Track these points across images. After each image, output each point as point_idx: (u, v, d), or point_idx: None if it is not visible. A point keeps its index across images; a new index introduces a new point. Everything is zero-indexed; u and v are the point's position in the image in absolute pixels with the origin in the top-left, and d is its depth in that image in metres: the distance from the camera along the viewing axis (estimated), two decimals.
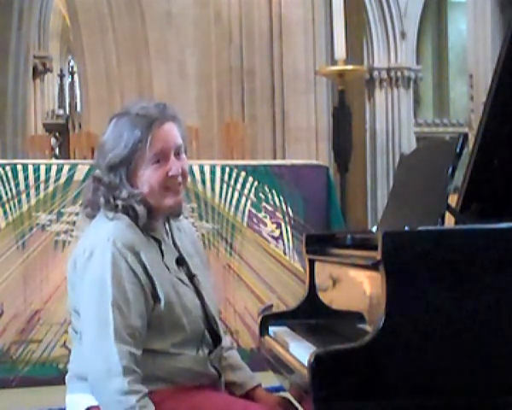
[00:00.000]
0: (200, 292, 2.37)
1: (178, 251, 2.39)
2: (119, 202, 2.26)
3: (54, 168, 5.21)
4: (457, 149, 2.34)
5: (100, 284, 2.19)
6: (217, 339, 2.39)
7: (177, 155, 2.31)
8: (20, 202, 5.13)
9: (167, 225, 2.41)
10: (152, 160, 2.26)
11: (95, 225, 2.31)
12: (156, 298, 2.23)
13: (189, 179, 2.42)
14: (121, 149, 2.25)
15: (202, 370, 2.31)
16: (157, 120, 2.27)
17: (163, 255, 2.31)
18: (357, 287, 2.34)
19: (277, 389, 2.78)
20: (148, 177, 2.27)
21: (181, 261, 2.37)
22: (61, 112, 17.05)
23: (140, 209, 2.26)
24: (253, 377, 2.51)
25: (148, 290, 2.22)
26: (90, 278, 2.21)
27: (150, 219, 2.30)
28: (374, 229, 2.69)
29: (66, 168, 5.20)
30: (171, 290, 2.26)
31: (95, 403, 2.25)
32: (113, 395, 2.13)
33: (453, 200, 2.36)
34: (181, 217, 2.47)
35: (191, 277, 2.38)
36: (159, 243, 2.32)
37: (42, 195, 5.16)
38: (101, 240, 2.22)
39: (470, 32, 11.97)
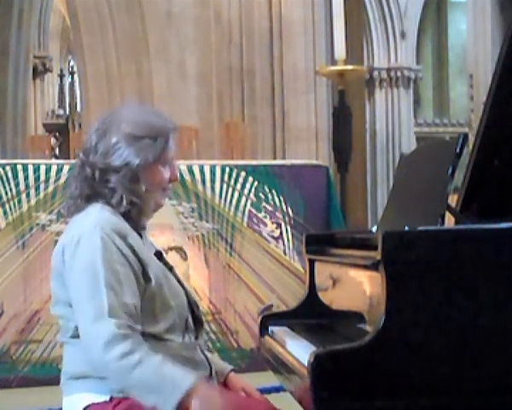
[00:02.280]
0: (180, 281, 2.44)
1: (154, 247, 2.46)
2: (134, 199, 2.31)
3: (54, 168, 5.22)
4: (457, 149, 2.34)
5: (91, 268, 2.21)
6: (199, 324, 2.43)
7: None
8: (20, 202, 5.14)
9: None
10: (169, 160, 2.37)
11: (80, 216, 2.33)
12: (147, 278, 2.27)
13: (189, 179, 2.50)
14: (159, 145, 2.32)
15: (192, 356, 2.33)
16: (174, 129, 2.38)
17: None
18: (357, 287, 2.34)
19: (277, 389, 2.78)
20: (156, 177, 2.35)
21: (159, 255, 2.42)
22: (61, 112, 17.03)
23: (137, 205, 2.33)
24: (225, 362, 2.58)
25: (139, 271, 2.26)
26: (81, 265, 2.23)
27: (142, 217, 2.38)
28: (374, 229, 2.69)
29: (66, 168, 5.21)
30: (160, 272, 2.32)
31: (94, 401, 2.25)
32: (116, 362, 2.13)
33: (453, 200, 2.36)
34: None
35: (170, 268, 2.44)
36: (140, 236, 2.38)
37: (42, 195, 5.17)
38: (87, 227, 2.26)
39: (470, 32, 11.96)
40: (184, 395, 2.12)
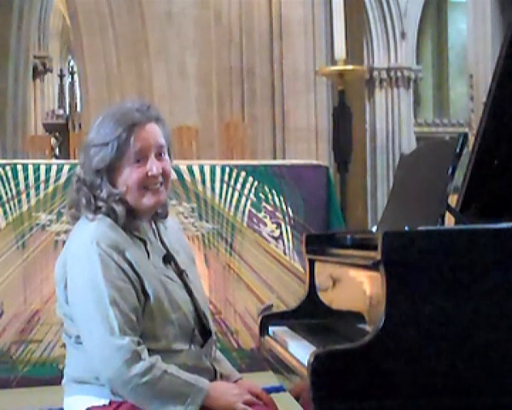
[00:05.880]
0: (189, 287, 2.39)
1: (166, 249, 2.40)
2: (100, 203, 2.29)
3: (54, 168, 5.21)
4: (457, 149, 2.34)
5: (93, 286, 2.21)
6: (207, 333, 2.41)
7: (159, 155, 2.33)
8: (20, 202, 5.13)
9: (154, 226, 2.42)
10: (133, 159, 2.28)
11: (78, 229, 2.33)
12: (146, 295, 2.25)
13: (189, 179, 2.45)
14: (107, 152, 2.28)
15: (197, 364, 2.33)
16: (140, 121, 2.30)
17: (149, 255, 2.32)
18: (357, 287, 2.34)
19: (277, 389, 2.78)
20: (126, 176, 2.29)
21: (169, 259, 2.38)
22: (61, 112, 17.01)
23: (119, 209, 2.28)
24: (234, 369, 2.58)
25: (138, 287, 2.25)
26: (82, 284, 2.23)
27: (133, 218, 2.32)
28: (374, 229, 2.69)
29: (66, 168, 5.20)
30: (159, 286, 2.28)
31: (94, 404, 2.27)
32: (141, 378, 2.17)
33: (453, 200, 2.36)
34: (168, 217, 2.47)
35: (180, 273, 2.40)
36: (144, 242, 2.33)
37: (42, 195, 5.16)
38: (84, 243, 2.24)
39: (470, 32, 11.98)
40: (205, 397, 2.22)
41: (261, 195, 5.54)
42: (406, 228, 2.15)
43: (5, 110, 11.33)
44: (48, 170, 5.18)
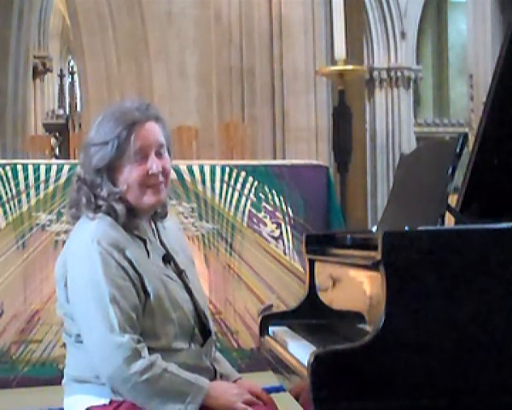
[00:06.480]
0: (188, 287, 2.40)
1: (165, 249, 2.41)
2: (101, 202, 2.29)
3: (54, 168, 5.21)
4: (457, 149, 2.34)
5: (94, 284, 2.21)
6: (207, 333, 2.42)
7: (159, 153, 2.34)
8: (20, 202, 5.13)
9: (153, 226, 2.43)
10: (133, 158, 2.29)
11: (78, 228, 2.34)
12: (146, 293, 2.26)
13: (189, 179, 2.45)
14: (107, 151, 2.29)
15: (197, 363, 2.34)
16: (140, 119, 2.30)
17: (148, 254, 2.33)
18: (357, 287, 2.34)
19: (277, 389, 2.78)
20: (127, 175, 2.30)
21: (168, 258, 2.39)
22: (61, 112, 17.02)
23: (119, 208, 2.29)
24: (233, 369, 2.58)
25: (138, 285, 2.25)
26: (83, 282, 2.23)
27: (133, 217, 2.33)
28: (374, 229, 2.69)
29: (66, 168, 5.20)
30: (159, 285, 2.29)
31: (94, 403, 2.27)
32: (141, 376, 2.17)
33: (453, 200, 2.36)
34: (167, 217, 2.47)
35: (179, 273, 2.40)
36: (144, 241, 2.34)
37: (42, 195, 5.16)
38: (85, 242, 2.25)
39: (470, 32, 11.98)
40: (205, 396, 2.22)
41: (261, 195, 5.54)
42: (406, 228, 2.15)
43: (5, 110, 11.32)
44: (48, 170, 5.18)
